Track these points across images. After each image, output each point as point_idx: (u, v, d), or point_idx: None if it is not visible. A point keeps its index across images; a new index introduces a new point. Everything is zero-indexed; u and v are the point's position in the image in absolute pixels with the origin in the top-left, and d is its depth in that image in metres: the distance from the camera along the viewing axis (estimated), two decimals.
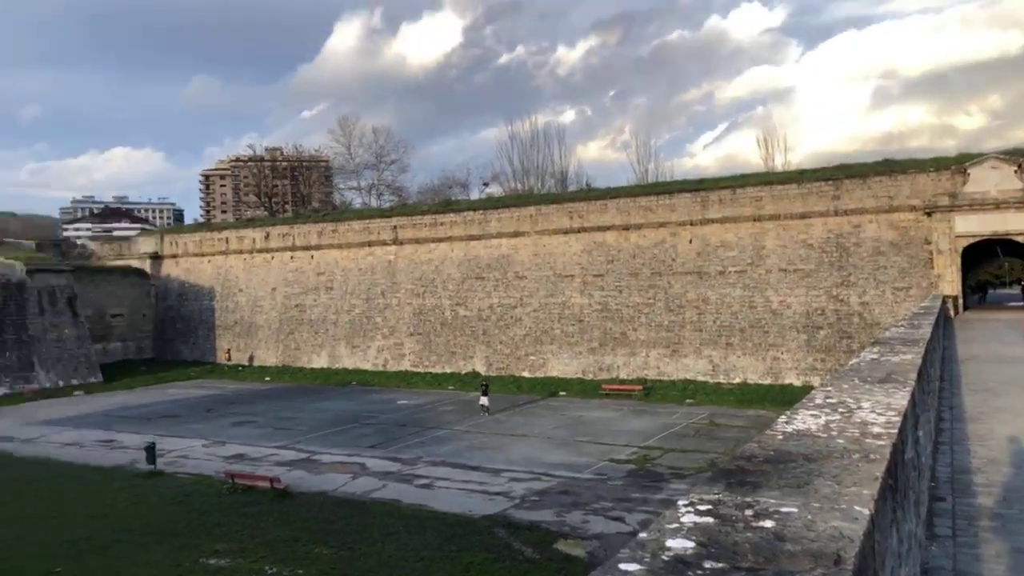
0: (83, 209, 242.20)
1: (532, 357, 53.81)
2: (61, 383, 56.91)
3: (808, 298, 45.65)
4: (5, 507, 26.43)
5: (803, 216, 46.31)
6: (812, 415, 4.37)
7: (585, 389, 48.05)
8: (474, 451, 32.97)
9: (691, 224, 49.47)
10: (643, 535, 2.60)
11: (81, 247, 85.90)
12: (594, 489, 26.52)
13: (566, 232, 53.59)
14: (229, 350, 67.33)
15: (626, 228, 51.48)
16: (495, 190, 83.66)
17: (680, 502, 2.85)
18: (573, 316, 52.60)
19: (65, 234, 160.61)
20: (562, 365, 52.53)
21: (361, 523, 23.65)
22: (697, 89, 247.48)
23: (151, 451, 31.42)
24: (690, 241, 49.36)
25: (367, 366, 60.36)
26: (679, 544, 2.40)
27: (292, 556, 21.03)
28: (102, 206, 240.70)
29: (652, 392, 45.83)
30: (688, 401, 43.42)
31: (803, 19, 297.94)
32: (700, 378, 47.65)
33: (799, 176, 49.06)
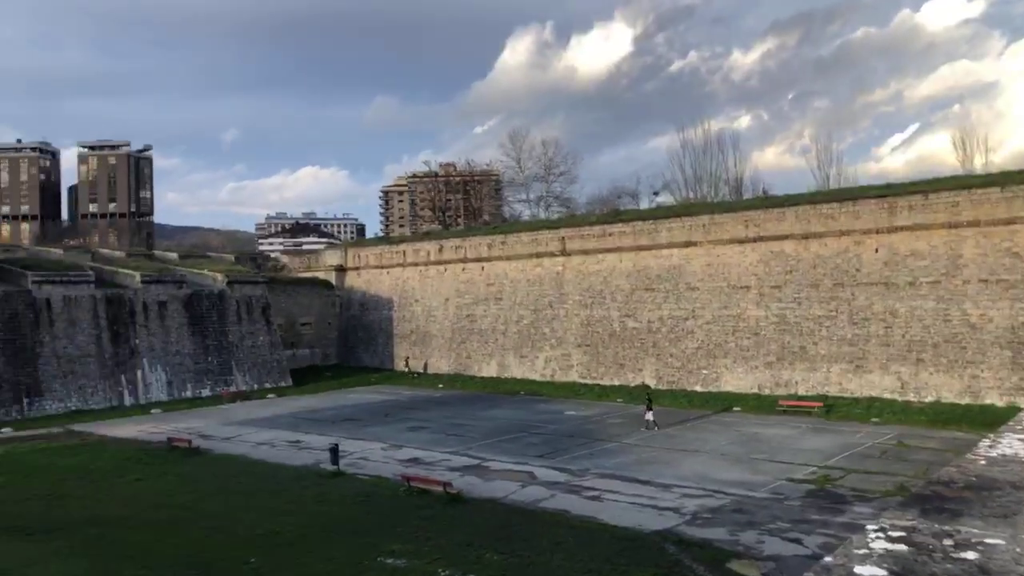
0: (276, 225, 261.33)
1: (704, 371, 52.40)
2: (255, 386, 61.49)
3: (1014, 311, 41.58)
4: (206, 501, 28.77)
5: (1008, 222, 42.28)
6: (1021, 439, 3.92)
7: (761, 405, 46.18)
8: (644, 465, 32.45)
9: (877, 232, 46.46)
10: (829, 559, 2.41)
11: (274, 260, 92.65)
12: (770, 508, 25.36)
13: (741, 242, 51.86)
14: (408, 358, 70.15)
15: (806, 237, 49.12)
16: (666, 199, 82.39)
17: (869, 527, 2.63)
18: (748, 329, 50.76)
19: (260, 248, 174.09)
20: (736, 380, 50.79)
21: (530, 531, 23.83)
22: (884, 89, 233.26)
23: (335, 452, 33.22)
24: (876, 250, 46.37)
25: (535, 376, 61.02)
26: (869, 571, 2.21)
27: (464, 560, 21.50)
28: (292, 222, 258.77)
29: (833, 409, 43.33)
30: (873, 420, 40.69)
31: (1006, 8, 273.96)
32: (887, 395, 44.53)
33: (1003, 178, 44.86)
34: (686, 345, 53.53)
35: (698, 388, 51.96)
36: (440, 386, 61.53)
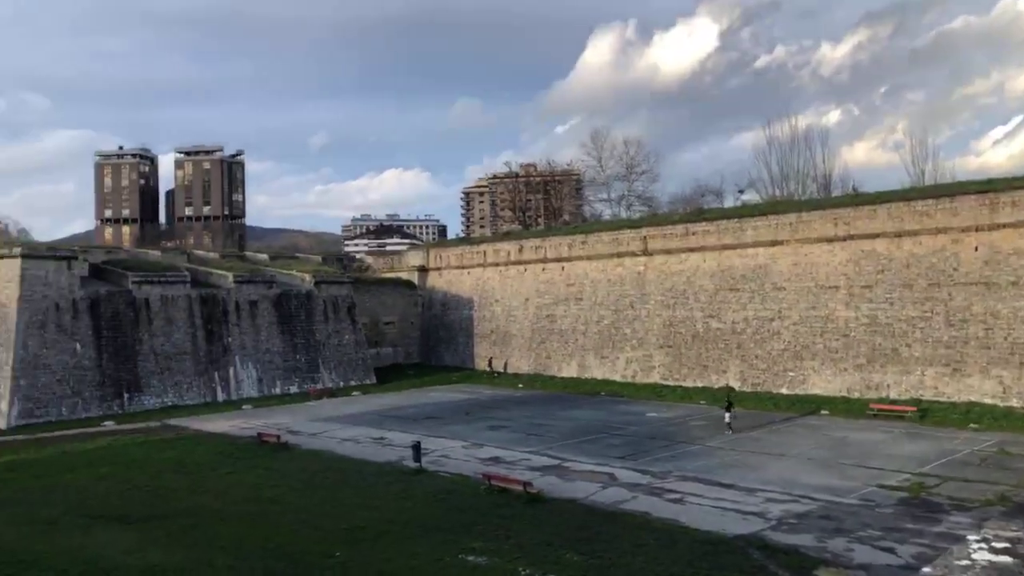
0: (360, 226, 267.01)
1: (791, 373, 51.05)
2: (341, 384, 62.95)
3: None
4: (294, 494, 29.57)
5: None
6: None
7: (850, 408, 44.70)
8: (727, 468, 31.82)
9: (977, 230, 44.39)
10: (927, 570, 2.28)
11: (359, 261, 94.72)
12: (859, 516, 24.49)
13: (830, 240, 50.32)
14: (491, 358, 70.60)
15: (898, 235, 47.33)
16: (751, 197, 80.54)
17: (971, 537, 2.47)
18: (837, 330, 49.22)
19: (345, 249, 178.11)
20: (824, 382, 49.31)
21: (611, 533, 23.65)
22: (985, 80, 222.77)
23: (417, 450, 33.69)
24: (976, 248, 44.31)
25: (616, 377, 60.57)
26: None
27: (544, 560, 21.48)
28: (376, 223, 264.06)
29: (928, 414, 41.58)
30: (972, 426, 38.86)
31: None
32: (987, 400, 42.48)
33: None
34: (772, 346, 52.26)
35: (784, 390, 50.66)
36: (520, 386, 61.71)
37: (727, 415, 39.76)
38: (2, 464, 35.50)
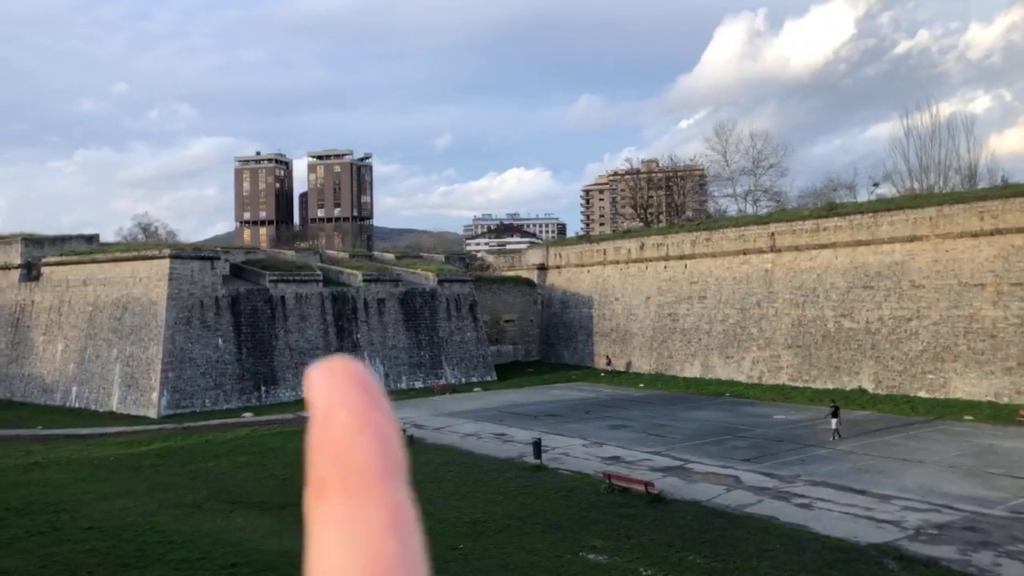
0: (481, 225, 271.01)
1: (930, 376, 48.26)
2: (463, 380, 64.12)
3: None
4: (418, 487, 30.28)
5: None
6: None
7: (997, 414, 41.83)
8: (860, 474, 30.45)
9: None
10: None
11: (480, 260, 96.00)
12: (1008, 528, 22.93)
13: (975, 235, 47.24)
14: (608, 356, 70.24)
15: None
16: (887, 191, 76.69)
17: None
18: (983, 331, 46.15)
19: (467, 248, 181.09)
20: (968, 386, 46.34)
21: (734, 536, 23.11)
22: None
23: (537, 447, 33.95)
24: None
25: (741, 378, 58.96)
26: None
27: (666, 561, 21.24)
28: (497, 223, 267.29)
29: None
30: None
31: None
32: None
33: None
34: (909, 347, 49.56)
35: (922, 394, 47.94)
36: (641, 385, 61.05)
37: (833, 422, 37.70)
38: (154, 451, 38.16)
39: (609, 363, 69.20)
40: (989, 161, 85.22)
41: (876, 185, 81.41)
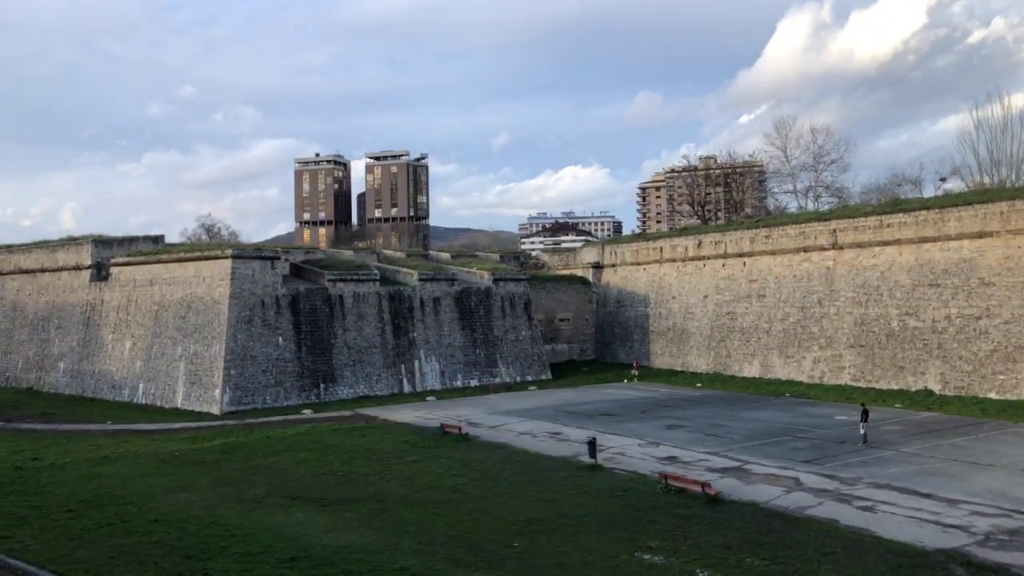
0: (537, 224, 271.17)
1: (1001, 376, 46.63)
2: (518, 379, 64.24)
3: None
4: (474, 484, 30.50)
5: None
6: None
7: None
8: (925, 477, 29.59)
9: None
10: None
11: (535, 258, 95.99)
12: None
13: None
14: (636, 361, 68.92)
15: None
16: (955, 186, 74.25)
17: None
18: None
19: (522, 247, 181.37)
20: None
21: (794, 539, 22.67)
22: None
23: (592, 446, 33.81)
24: None
25: (801, 378, 57.82)
26: None
27: (723, 562, 20.94)
28: (552, 221, 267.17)
29: None
30: None
31: None
32: None
33: None
34: (979, 347, 47.96)
35: (993, 395, 46.34)
36: (698, 385, 60.33)
37: (862, 426, 36.47)
38: (216, 447, 39.10)
39: (635, 366, 67.67)
40: None
41: (943, 180, 79.00)
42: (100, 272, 64.45)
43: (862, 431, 36.37)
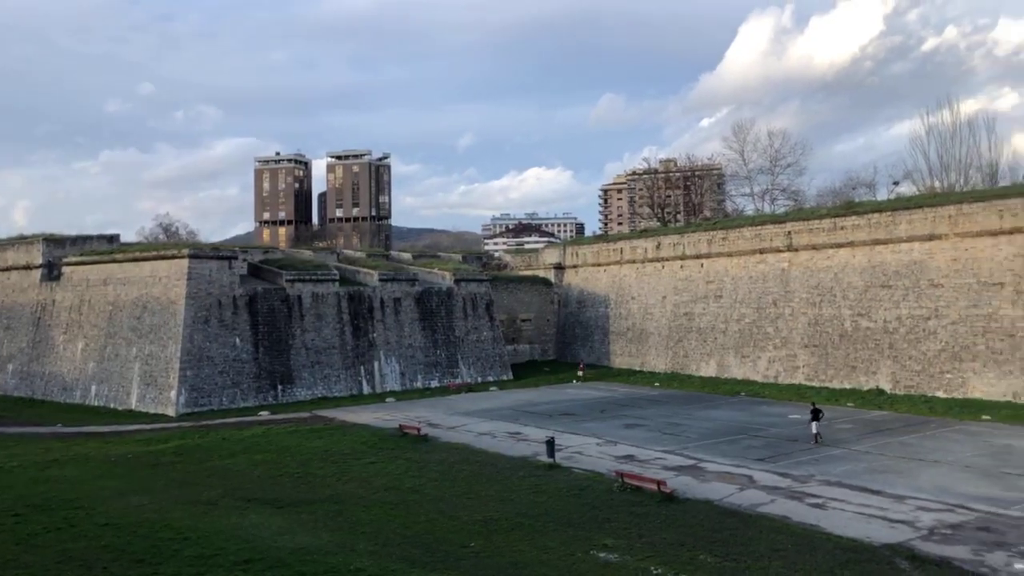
0: (500, 225, 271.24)
1: (948, 375, 47.84)
2: (479, 379, 64.28)
3: None
4: (432, 485, 30.49)
5: None
6: None
7: (1016, 415, 41.40)
8: (875, 474, 30.27)
9: None
10: (1019, 566, 2.19)
11: (497, 259, 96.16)
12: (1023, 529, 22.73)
13: (994, 234, 46.79)
14: (582, 363, 69.50)
15: None
16: (907, 189, 75.95)
17: None
18: (1002, 330, 45.68)
19: (485, 247, 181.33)
20: (986, 386, 45.89)
21: (746, 536, 23.05)
22: None
23: (551, 445, 34.01)
24: None
25: (757, 377, 58.70)
26: None
27: (677, 560, 21.21)
28: (515, 222, 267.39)
29: None
30: None
31: None
32: None
33: None
34: (927, 347, 49.14)
35: (940, 394, 47.52)
36: (656, 384, 60.92)
37: (813, 425, 37.00)
38: (171, 449, 38.53)
39: (582, 368, 67.91)
40: (1011, 160, 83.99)
41: (896, 184, 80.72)
42: (51, 272, 63.12)
43: (813, 430, 36.98)
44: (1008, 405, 43.45)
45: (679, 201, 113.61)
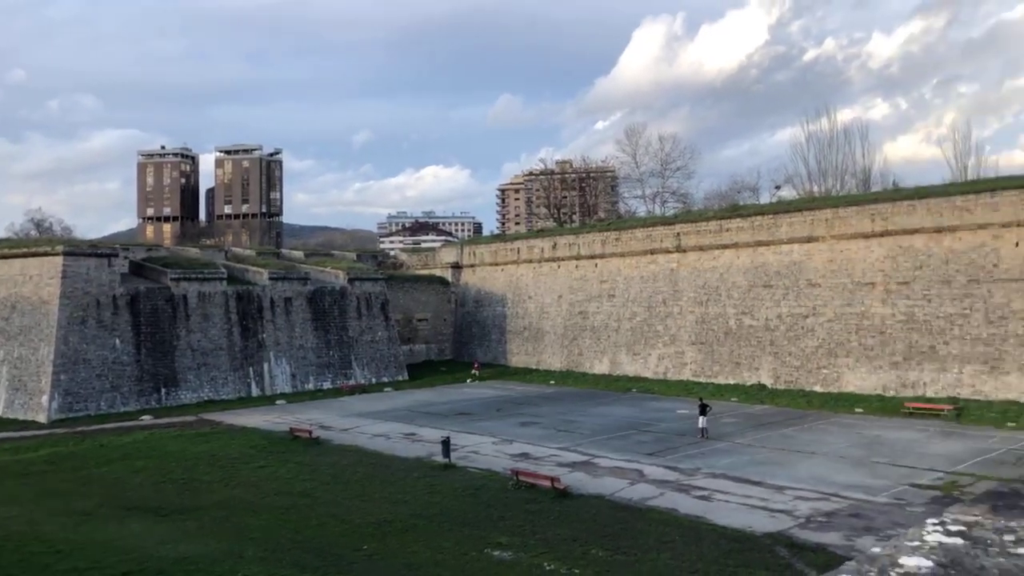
0: (396, 223, 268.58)
1: (824, 371, 50.40)
2: (373, 380, 63.43)
3: None
4: (324, 489, 29.91)
5: None
6: None
7: (884, 407, 44.04)
8: (757, 466, 31.55)
9: (1018, 225, 43.42)
10: (876, 550, 2.30)
11: (393, 258, 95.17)
12: (890, 514, 24.17)
13: (866, 236, 49.56)
14: (477, 362, 70.04)
15: (938, 231, 46.45)
16: (788, 193, 79.53)
17: (929, 521, 2.48)
18: (873, 327, 48.47)
19: (381, 246, 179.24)
20: (859, 380, 48.60)
21: (636, 529, 23.62)
22: None
23: (446, 445, 33.91)
24: (1016, 244, 43.35)
25: (648, 374, 60.28)
26: (914, 563, 2.10)
27: (570, 555, 21.52)
28: (412, 220, 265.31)
29: (965, 413, 40.81)
30: (1010, 424, 38.08)
31: None
32: None
33: None
34: (805, 344, 51.63)
35: (817, 388, 50.03)
36: (552, 382, 61.70)
37: (701, 419, 38.12)
38: (42, 457, 36.39)
39: (477, 367, 68.17)
40: (882, 166, 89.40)
41: (778, 188, 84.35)
42: None
43: (701, 424, 38.19)
44: (878, 398, 46.14)
45: (575, 202, 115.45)
